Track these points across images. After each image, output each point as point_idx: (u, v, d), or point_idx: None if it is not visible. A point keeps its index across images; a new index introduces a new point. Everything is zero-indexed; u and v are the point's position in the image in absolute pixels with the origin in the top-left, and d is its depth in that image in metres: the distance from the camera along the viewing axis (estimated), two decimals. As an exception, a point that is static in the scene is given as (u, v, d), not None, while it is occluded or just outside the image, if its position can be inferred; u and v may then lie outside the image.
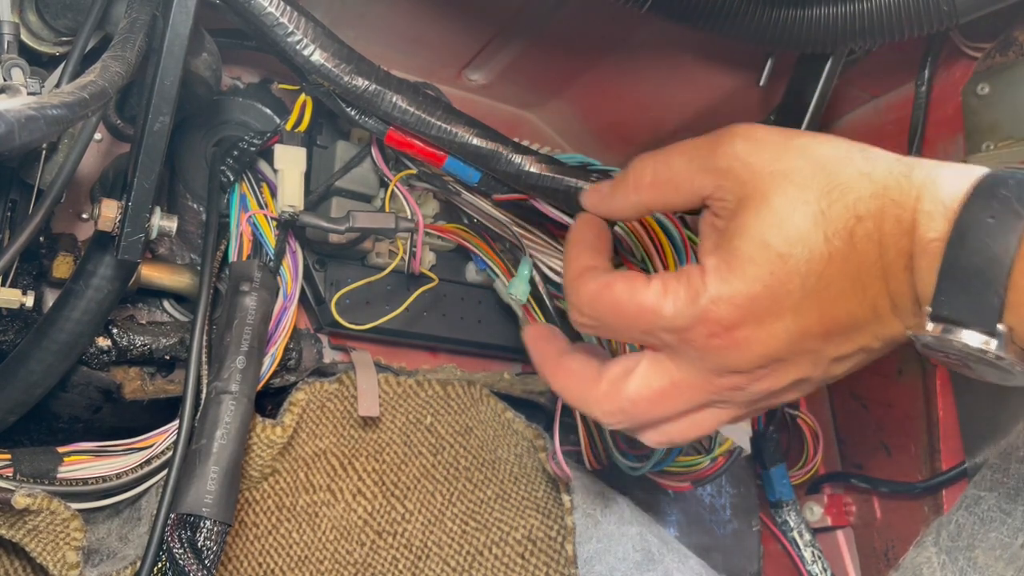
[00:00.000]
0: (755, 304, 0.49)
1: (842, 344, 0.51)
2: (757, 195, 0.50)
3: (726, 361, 0.51)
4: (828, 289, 0.49)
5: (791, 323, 0.49)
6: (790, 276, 0.48)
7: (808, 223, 0.48)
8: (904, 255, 0.47)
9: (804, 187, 0.49)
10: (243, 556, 0.78)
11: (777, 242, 0.49)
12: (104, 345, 0.73)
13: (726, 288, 0.50)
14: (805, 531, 0.98)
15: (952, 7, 0.72)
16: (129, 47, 0.57)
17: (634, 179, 0.57)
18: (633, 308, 0.53)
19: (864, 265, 0.48)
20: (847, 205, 0.48)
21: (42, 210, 0.60)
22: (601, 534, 0.83)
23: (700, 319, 0.50)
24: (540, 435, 0.88)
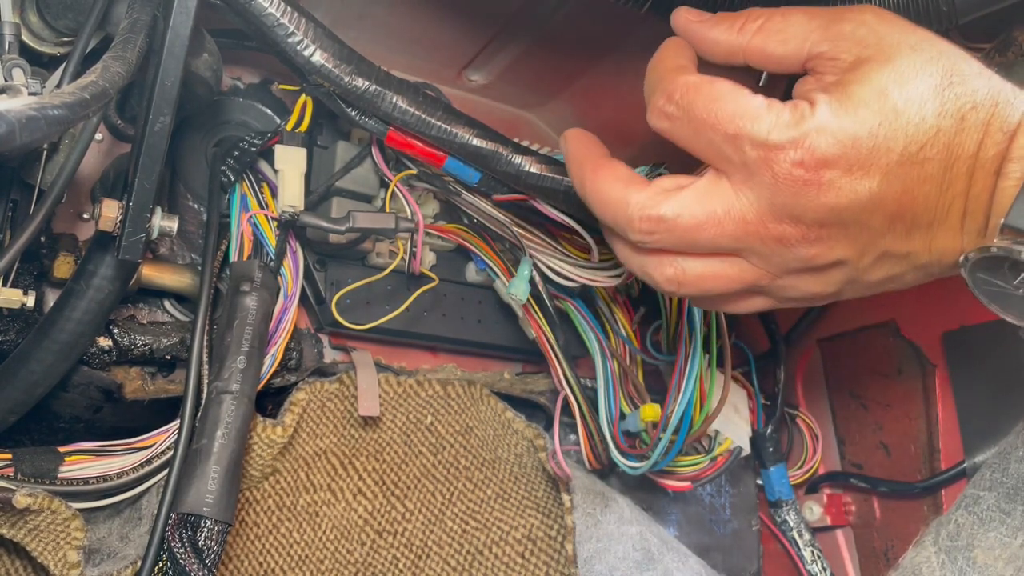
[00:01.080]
0: (855, 148, 0.49)
1: (900, 238, 0.51)
2: (881, 56, 0.50)
3: (797, 200, 0.50)
4: (923, 164, 0.49)
5: (877, 185, 0.49)
6: (896, 134, 0.49)
7: (928, 91, 0.49)
8: (999, 158, 0.48)
9: (930, 61, 0.50)
10: (244, 555, 0.78)
11: (896, 95, 0.49)
12: (105, 345, 0.73)
13: (834, 121, 0.49)
14: (805, 531, 0.98)
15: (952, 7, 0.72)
16: (130, 47, 0.57)
17: (744, 19, 0.56)
18: (731, 107, 0.51)
19: (962, 155, 0.49)
20: (967, 91, 0.49)
21: (43, 210, 0.60)
22: (601, 534, 0.83)
23: (796, 142, 0.49)
24: (540, 435, 0.88)
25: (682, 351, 0.80)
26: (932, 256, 0.52)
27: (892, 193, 0.49)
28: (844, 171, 0.49)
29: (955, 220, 0.50)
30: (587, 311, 0.86)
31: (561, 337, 0.85)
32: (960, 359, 0.88)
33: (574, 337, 0.87)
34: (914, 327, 0.92)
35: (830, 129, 0.49)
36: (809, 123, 0.49)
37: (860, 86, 0.50)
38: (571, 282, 0.78)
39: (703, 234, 0.53)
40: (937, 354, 0.90)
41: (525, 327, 0.88)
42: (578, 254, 0.81)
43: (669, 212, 0.53)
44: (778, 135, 0.50)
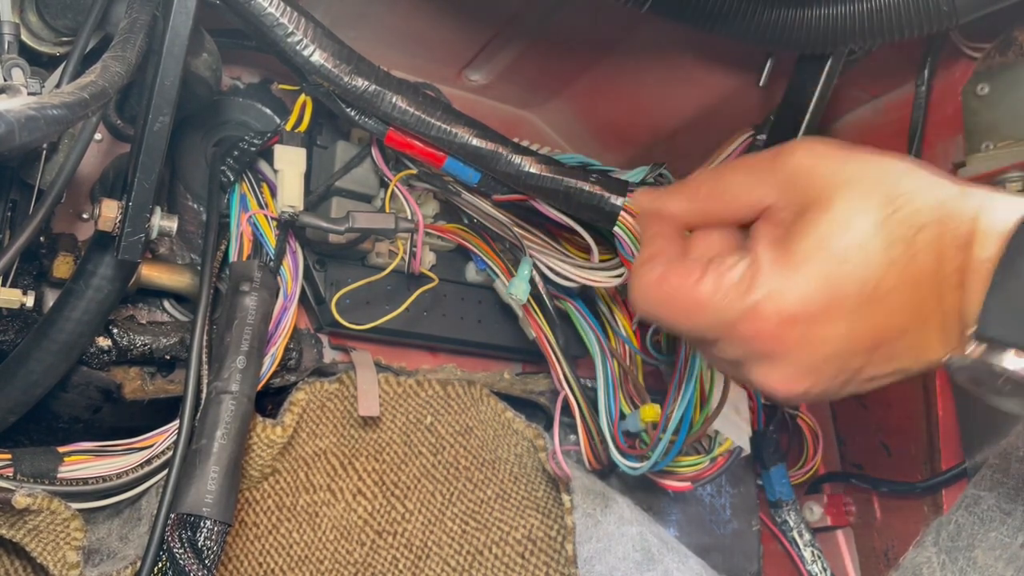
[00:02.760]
0: (809, 304, 0.49)
1: (883, 363, 0.51)
2: (819, 202, 0.50)
3: (773, 361, 0.51)
4: (885, 299, 0.48)
5: (842, 330, 0.49)
6: (848, 281, 0.48)
7: (870, 229, 0.48)
8: (959, 271, 0.48)
9: (867, 195, 0.49)
10: (243, 556, 0.78)
11: (838, 244, 0.48)
12: (104, 345, 0.73)
13: (781, 284, 0.49)
14: (805, 531, 0.98)
15: (952, 7, 0.72)
16: (129, 47, 0.57)
17: (691, 189, 0.57)
18: (681, 303, 0.53)
19: (922, 277, 0.48)
20: (909, 214, 0.48)
21: (42, 210, 0.60)
22: (601, 534, 0.83)
23: (748, 313, 0.50)
24: (540, 435, 0.88)
25: (682, 351, 0.80)
26: (920, 366, 0.51)
27: (862, 332, 0.49)
28: (806, 326, 0.49)
29: (935, 335, 0.50)
30: (587, 311, 0.86)
31: (561, 337, 0.85)
32: (960, 359, 0.88)
33: (574, 337, 0.87)
34: (914, 327, 0.92)
35: (779, 292, 0.49)
36: (757, 292, 0.49)
37: (802, 240, 0.49)
38: (571, 282, 0.78)
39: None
40: (937, 354, 0.90)
41: (525, 327, 0.88)
42: (578, 254, 0.81)
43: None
44: (731, 312, 0.50)
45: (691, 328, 0.54)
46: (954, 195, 0.49)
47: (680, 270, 0.53)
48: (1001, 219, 0.47)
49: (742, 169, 0.55)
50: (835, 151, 0.52)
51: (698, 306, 0.52)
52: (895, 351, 0.50)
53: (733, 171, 0.56)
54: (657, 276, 0.54)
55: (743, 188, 0.54)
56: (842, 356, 0.50)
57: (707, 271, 0.52)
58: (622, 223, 0.72)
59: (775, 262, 0.50)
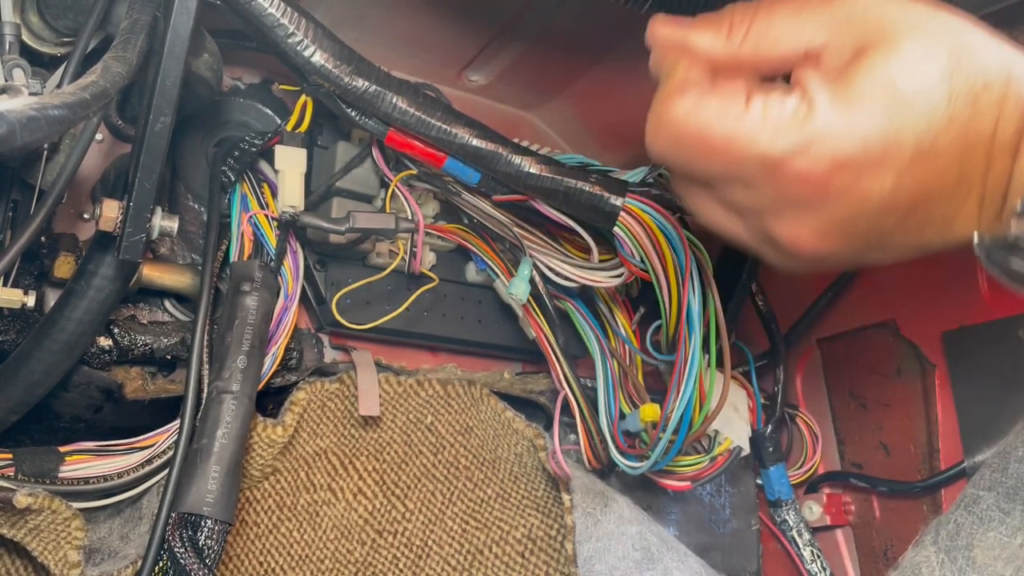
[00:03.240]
0: (865, 148, 0.45)
1: (913, 231, 0.47)
2: (884, 41, 0.45)
3: (803, 211, 0.47)
4: (938, 157, 0.45)
5: (890, 186, 0.45)
6: (907, 129, 0.44)
7: (936, 76, 0.44)
8: (1017, 136, 0.45)
9: (936, 41, 0.45)
10: (244, 555, 0.79)
11: (904, 86, 0.44)
12: (105, 345, 0.73)
13: (839, 121, 0.45)
14: (804, 530, 0.98)
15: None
16: (130, 48, 0.58)
17: (728, 23, 0.50)
18: (723, 132, 0.47)
19: (978, 139, 0.45)
20: (977, 69, 0.45)
21: (43, 210, 0.60)
22: (601, 533, 0.83)
23: (800, 150, 0.45)
24: (540, 434, 0.88)
25: (682, 351, 0.80)
26: (945, 242, 0.48)
27: (906, 192, 0.46)
28: (854, 176, 0.45)
29: (972, 207, 0.47)
30: (587, 311, 0.86)
31: (561, 337, 0.85)
32: (960, 359, 0.88)
33: (574, 337, 0.87)
34: (914, 327, 0.92)
35: (836, 130, 0.45)
36: (812, 126, 0.45)
37: (864, 78, 0.45)
38: (571, 282, 0.79)
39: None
40: (937, 354, 0.90)
41: (525, 327, 0.88)
42: (578, 254, 0.81)
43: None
44: (779, 148, 0.46)
45: (723, 164, 0.48)
46: (1020, 61, 0.46)
47: (721, 96, 0.48)
48: None
49: (789, 6, 0.49)
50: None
51: (739, 139, 0.46)
52: (929, 217, 0.47)
53: (779, 6, 0.49)
54: (690, 105, 0.48)
55: (790, 27, 0.48)
56: (880, 214, 0.46)
57: (752, 101, 0.47)
58: (622, 223, 0.72)
59: (833, 99, 0.45)
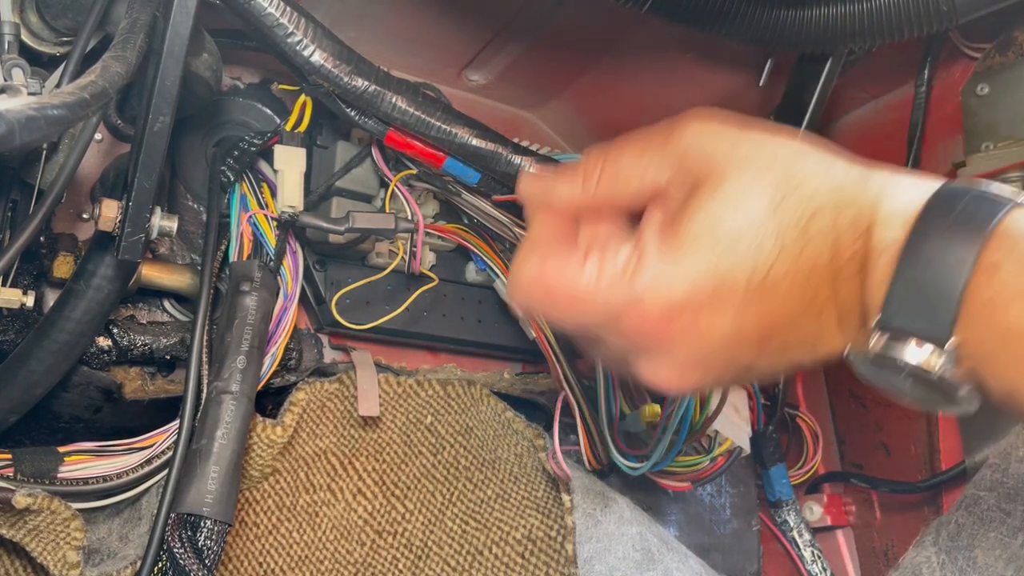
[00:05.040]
0: (695, 293, 0.45)
1: (776, 354, 0.48)
2: (710, 181, 0.46)
3: (655, 353, 0.48)
4: (775, 289, 0.45)
5: (730, 322, 0.46)
6: (736, 268, 0.45)
7: (761, 213, 0.45)
8: (858, 258, 0.45)
9: (759, 176, 0.46)
10: (243, 555, 0.78)
11: (727, 228, 0.45)
12: (105, 345, 0.73)
13: (668, 271, 0.46)
14: (805, 531, 0.98)
15: (952, 7, 0.72)
16: (130, 47, 0.57)
17: (584, 171, 0.52)
18: (565, 294, 0.49)
19: (815, 266, 0.45)
20: (803, 198, 0.45)
21: (43, 210, 0.60)
22: (601, 534, 0.83)
23: (631, 306, 0.46)
24: (540, 435, 0.88)
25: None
26: (817, 356, 0.48)
27: (751, 324, 0.46)
28: (691, 319, 0.46)
29: (831, 326, 0.46)
30: (587, 311, 0.86)
31: (561, 337, 0.85)
32: (960, 359, 0.88)
33: (574, 337, 0.87)
34: (914, 327, 0.92)
35: (663, 281, 0.46)
36: (640, 281, 0.46)
37: (690, 222, 0.46)
38: (571, 282, 0.78)
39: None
40: (937, 354, 0.90)
41: (525, 327, 0.88)
42: (578, 254, 0.81)
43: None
44: (613, 305, 0.47)
45: (572, 323, 0.50)
46: (853, 178, 0.46)
47: (559, 260, 0.49)
48: (905, 201, 0.44)
49: (635, 147, 0.51)
50: (729, 128, 0.48)
51: (578, 298, 0.48)
52: (788, 342, 0.47)
53: (625, 151, 0.51)
54: (535, 266, 0.50)
55: (635, 169, 0.50)
56: (730, 348, 0.47)
57: (588, 260, 0.48)
58: (622, 223, 0.72)
59: (660, 248, 0.46)
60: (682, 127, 0.49)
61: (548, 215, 0.53)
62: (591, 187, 0.52)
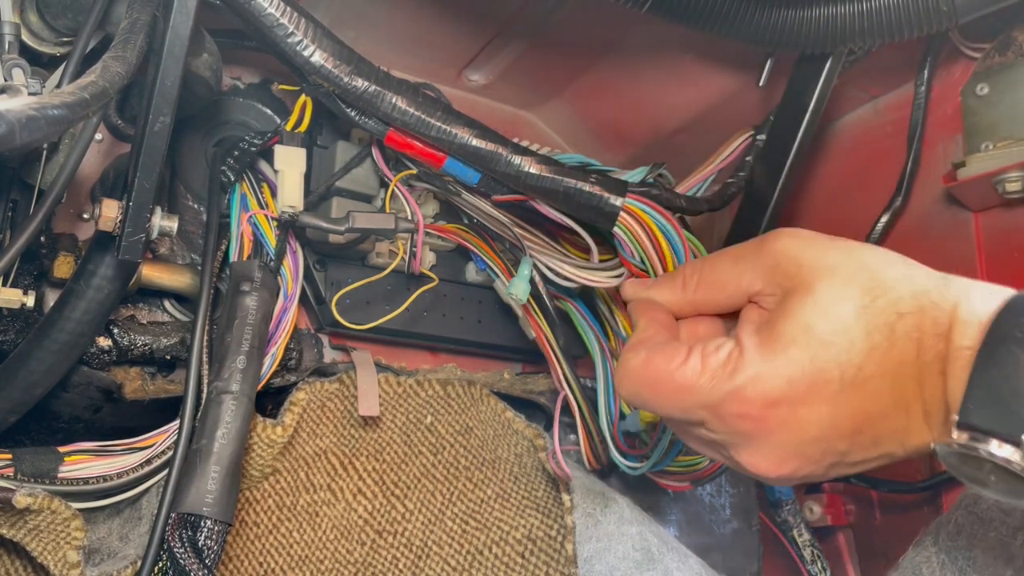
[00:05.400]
0: (792, 387, 0.50)
1: (868, 447, 0.51)
2: (803, 287, 0.51)
3: (754, 443, 0.52)
4: (866, 384, 0.49)
5: (825, 414, 0.50)
6: (830, 365, 0.49)
7: (851, 315, 0.49)
8: (940, 359, 0.48)
9: (849, 281, 0.50)
10: (244, 555, 0.78)
11: (821, 328, 0.49)
12: (105, 345, 0.73)
13: (766, 367, 0.50)
14: (804, 530, 0.98)
15: (952, 7, 0.72)
16: (130, 47, 0.57)
17: (682, 278, 0.59)
18: (669, 386, 0.54)
19: (903, 364, 0.49)
20: (890, 302, 0.49)
21: (43, 210, 0.60)
22: (601, 533, 0.83)
23: (734, 395, 0.51)
24: (540, 435, 0.88)
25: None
26: (907, 452, 0.52)
27: (844, 416, 0.50)
28: (788, 410, 0.50)
29: (918, 421, 0.50)
30: (587, 311, 0.86)
31: (561, 337, 0.85)
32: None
33: (574, 337, 0.87)
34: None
35: (763, 374, 0.50)
36: (742, 374, 0.51)
37: (786, 323, 0.50)
38: (571, 282, 0.78)
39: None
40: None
41: (525, 327, 0.88)
42: (578, 254, 0.81)
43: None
44: (716, 394, 0.51)
45: (676, 410, 0.55)
46: (934, 284, 0.50)
47: (666, 353, 0.55)
48: (980, 308, 0.48)
49: (729, 258, 0.57)
50: (819, 239, 0.53)
51: (683, 388, 0.53)
52: (879, 435, 0.51)
53: (721, 260, 0.57)
54: (643, 359, 0.55)
55: (731, 276, 0.56)
56: (826, 439, 0.51)
57: (692, 353, 0.53)
58: (622, 223, 0.72)
59: (760, 345, 0.51)
60: (775, 237, 0.54)
61: (652, 315, 0.60)
62: (690, 292, 0.58)
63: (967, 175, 0.82)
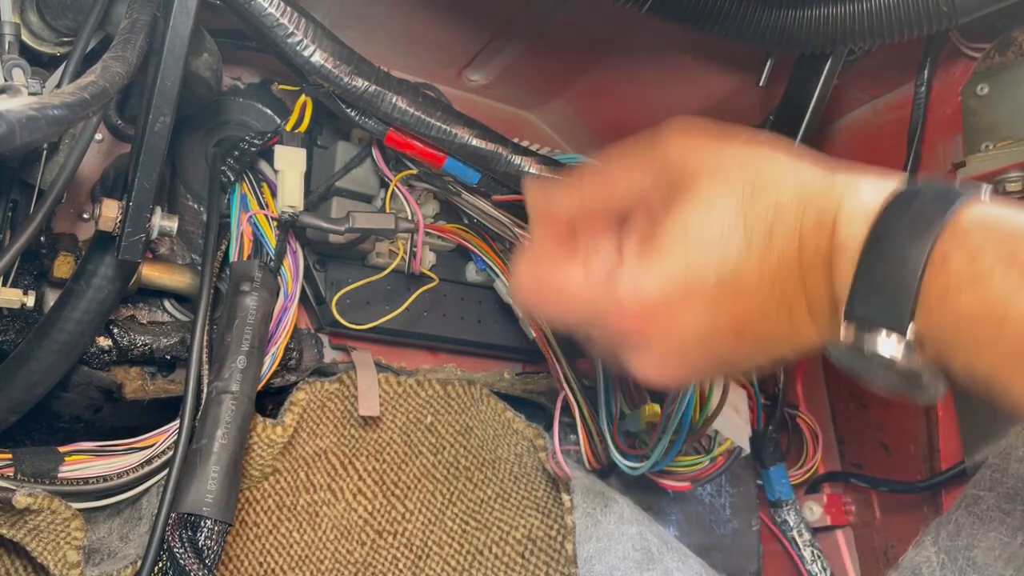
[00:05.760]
0: (667, 294, 0.49)
1: (752, 347, 0.51)
2: (684, 189, 0.50)
3: (637, 349, 0.52)
4: (743, 285, 0.48)
5: (703, 318, 0.49)
6: (706, 268, 0.48)
7: (730, 216, 0.48)
8: (823, 255, 0.47)
9: (729, 182, 0.49)
10: (244, 555, 0.79)
11: (697, 231, 0.49)
12: (105, 345, 0.73)
13: (641, 276, 0.50)
14: (805, 530, 0.98)
15: (952, 7, 0.72)
16: (130, 47, 0.57)
17: (579, 184, 0.57)
18: (556, 297, 0.54)
19: (783, 262, 0.48)
20: (769, 203, 0.48)
21: (43, 210, 0.60)
22: (601, 533, 0.83)
23: (613, 307, 0.50)
24: (540, 434, 0.88)
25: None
26: (796, 347, 0.51)
27: (723, 319, 0.49)
28: (665, 317, 0.50)
29: (803, 318, 0.50)
30: (587, 311, 0.86)
31: (561, 337, 0.85)
32: (960, 359, 0.88)
33: (574, 337, 0.87)
34: (914, 327, 0.92)
35: (640, 285, 0.50)
36: (620, 285, 0.50)
37: (663, 228, 0.50)
38: (571, 282, 0.78)
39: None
40: (937, 354, 0.90)
41: (525, 327, 0.88)
42: (578, 254, 0.81)
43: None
44: (598, 306, 0.51)
45: (566, 321, 0.55)
46: (816, 179, 0.49)
47: (552, 265, 0.54)
48: (866, 200, 0.47)
49: (623, 158, 0.55)
50: (705, 140, 0.52)
51: (569, 300, 0.53)
52: (762, 335, 0.50)
53: (613, 159, 0.56)
54: (532, 271, 0.55)
55: (621, 176, 0.54)
56: (707, 343, 0.50)
57: (575, 265, 0.53)
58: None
59: (638, 254, 0.50)
60: (665, 136, 0.53)
61: (547, 223, 0.58)
62: (587, 197, 0.56)
63: (967, 175, 0.82)
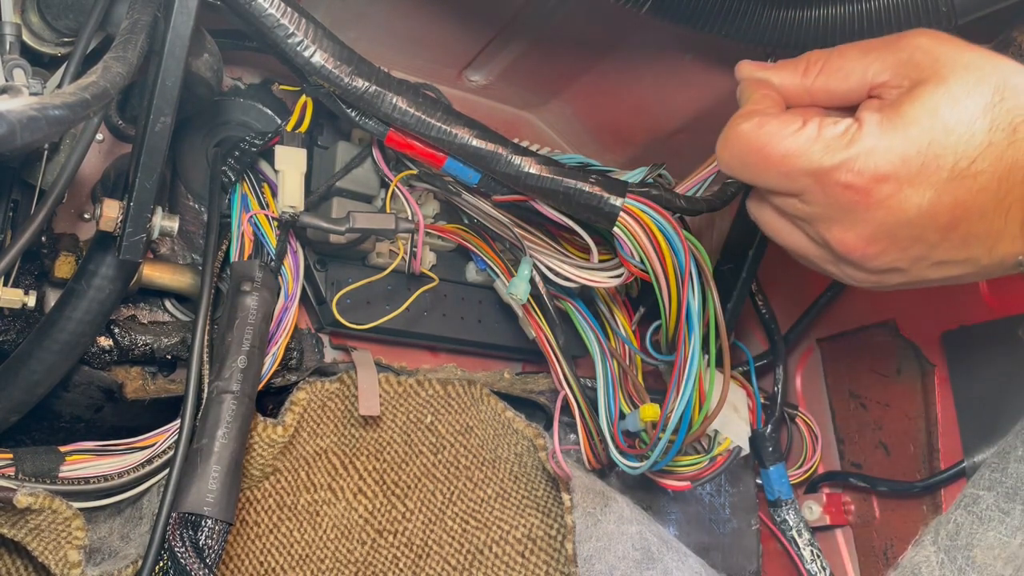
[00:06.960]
0: (905, 165, 0.51)
1: (956, 247, 0.53)
2: (936, 78, 0.52)
3: (849, 215, 0.53)
4: (975, 178, 0.50)
5: (928, 198, 0.51)
6: (947, 151, 0.50)
7: (979, 108, 0.51)
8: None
9: (981, 79, 0.51)
10: (244, 555, 0.79)
11: (947, 115, 0.51)
12: (106, 345, 0.73)
13: (882, 141, 0.51)
14: (804, 530, 0.98)
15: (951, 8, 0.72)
16: (131, 48, 0.58)
17: (805, 63, 0.59)
18: (780, 148, 0.55)
19: (1016, 165, 0.50)
20: (1018, 104, 0.51)
21: (44, 210, 0.60)
22: (601, 533, 0.83)
23: (845, 164, 0.52)
24: (540, 434, 0.88)
25: (681, 351, 0.80)
26: (992, 260, 0.53)
27: (944, 207, 0.51)
28: (895, 188, 0.52)
29: (1014, 227, 0.52)
30: (587, 311, 0.86)
31: (561, 337, 0.85)
32: (959, 359, 0.88)
33: (574, 337, 0.87)
34: (913, 327, 0.92)
35: (879, 149, 0.52)
36: (858, 145, 0.52)
37: (912, 106, 0.52)
38: (571, 282, 0.79)
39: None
40: (936, 354, 0.90)
41: (525, 327, 0.88)
42: (578, 254, 0.81)
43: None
44: (828, 161, 0.53)
45: (778, 176, 0.55)
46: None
47: (781, 119, 0.55)
48: None
49: (858, 49, 0.57)
50: (957, 40, 0.55)
51: (793, 153, 0.54)
52: (972, 233, 0.52)
53: (849, 49, 0.58)
54: (756, 122, 0.56)
55: (858, 64, 0.57)
56: (921, 224, 0.52)
57: (808, 123, 0.54)
58: (621, 224, 0.72)
59: (881, 122, 0.52)
60: (913, 33, 0.56)
61: (767, 94, 0.59)
62: (811, 78, 0.58)
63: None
